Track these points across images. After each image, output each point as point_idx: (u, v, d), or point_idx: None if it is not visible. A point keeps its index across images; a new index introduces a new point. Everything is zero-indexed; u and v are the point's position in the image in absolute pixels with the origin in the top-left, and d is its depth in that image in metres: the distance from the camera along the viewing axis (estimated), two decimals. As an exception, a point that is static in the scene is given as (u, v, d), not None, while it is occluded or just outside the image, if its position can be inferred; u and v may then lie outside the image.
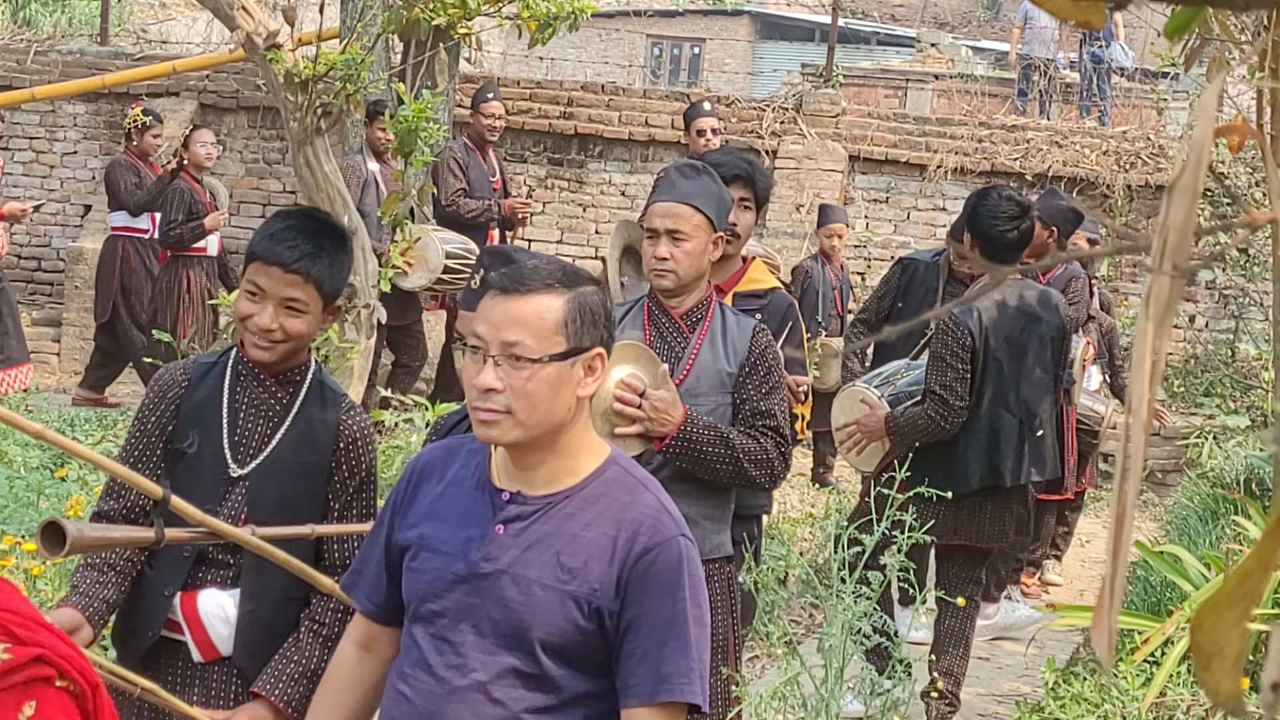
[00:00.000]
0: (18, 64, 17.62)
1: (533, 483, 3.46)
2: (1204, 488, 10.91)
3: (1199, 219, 1.94)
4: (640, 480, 3.52)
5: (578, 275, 3.49)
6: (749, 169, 6.18)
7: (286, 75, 8.41)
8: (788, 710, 6.35)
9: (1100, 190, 15.96)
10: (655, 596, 3.37)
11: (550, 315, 3.40)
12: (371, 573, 3.64)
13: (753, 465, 5.23)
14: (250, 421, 4.38)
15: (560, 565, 3.37)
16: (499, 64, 25.33)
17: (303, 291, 4.27)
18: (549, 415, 3.40)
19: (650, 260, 5.37)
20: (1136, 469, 1.30)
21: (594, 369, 3.46)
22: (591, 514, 3.42)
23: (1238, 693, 1.27)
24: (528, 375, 3.37)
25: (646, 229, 5.42)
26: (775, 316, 6.18)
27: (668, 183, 5.46)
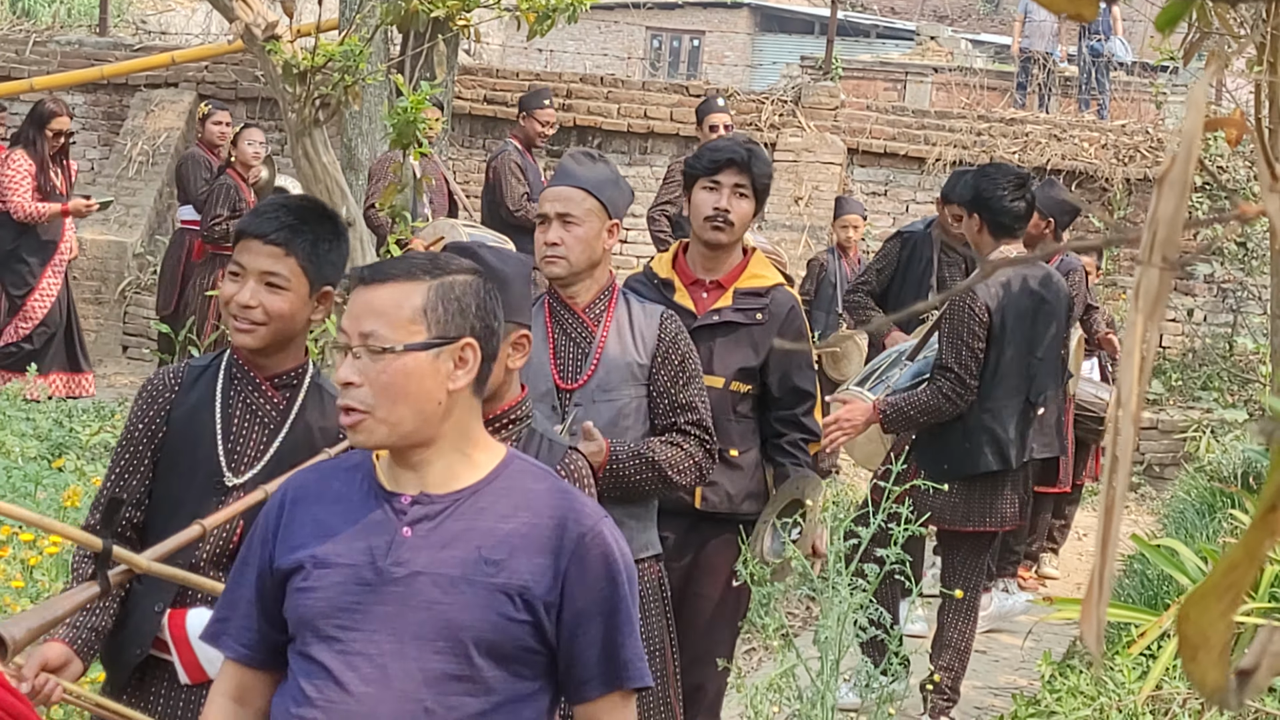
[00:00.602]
0: (16, 54, 17.62)
1: (432, 482, 3.27)
2: (1201, 481, 10.91)
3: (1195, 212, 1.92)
4: (546, 471, 3.39)
5: (450, 263, 3.30)
6: (744, 154, 5.89)
7: (285, 66, 8.41)
8: (784, 702, 6.36)
9: (1099, 184, 15.96)
10: (598, 584, 3.24)
11: (408, 303, 3.21)
12: (241, 614, 3.35)
13: (679, 474, 5.14)
14: (246, 428, 4.19)
15: (484, 559, 3.20)
16: (498, 56, 25.32)
17: (283, 266, 4.09)
18: (414, 412, 3.20)
19: (540, 247, 5.19)
20: (1126, 461, 1.31)
21: (465, 360, 3.24)
22: (507, 505, 3.26)
23: (1224, 683, 1.27)
24: (383, 367, 3.18)
25: (539, 215, 5.25)
26: (778, 316, 5.93)
27: (561, 170, 5.29)
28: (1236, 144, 1.53)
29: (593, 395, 5.11)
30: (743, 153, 5.88)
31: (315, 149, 8.63)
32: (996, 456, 7.18)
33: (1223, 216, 1.34)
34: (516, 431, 4.10)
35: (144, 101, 17.15)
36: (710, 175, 5.88)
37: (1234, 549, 1.25)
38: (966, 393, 7.05)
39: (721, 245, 5.87)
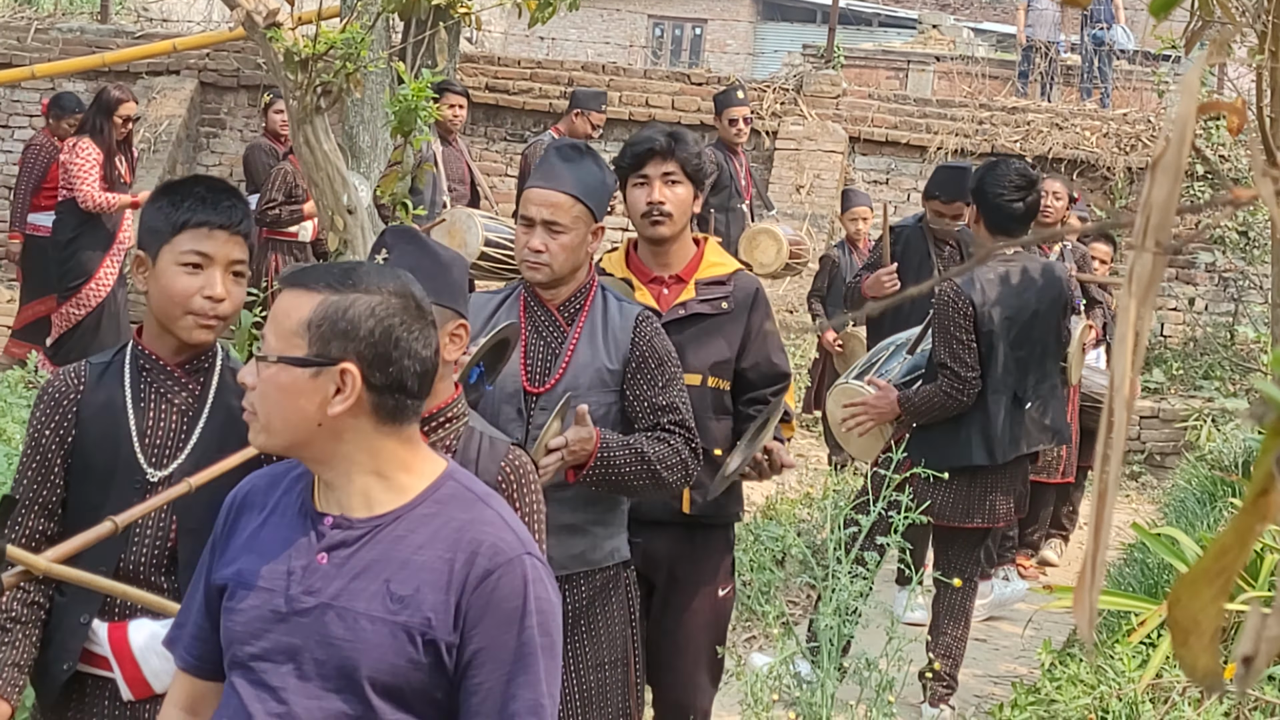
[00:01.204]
0: (18, 41, 17.61)
1: (351, 505, 3.09)
2: (1202, 470, 10.91)
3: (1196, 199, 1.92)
4: (480, 496, 3.14)
5: (366, 280, 3.06)
6: (664, 141, 5.58)
7: (286, 54, 8.41)
8: (783, 690, 6.36)
9: (1101, 172, 15.96)
10: (498, 625, 3.01)
11: (296, 314, 3.03)
12: (192, 623, 3.23)
13: (668, 471, 4.89)
14: (163, 419, 3.96)
15: (390, 594, 3.01)
16: (499, 43, 25.31)
17: (244, 253, 3.96)
18: (288, 426, 3.03)
19: (523, 251, 4.93)
20: (1119, 446, 1.31)
21: (341, 388, 3.01)
22: (424, 535, 3.05)
23: (1215, 668, 1.27)
24: (265, 375, 3.04)
25: (522, 217, 4.98)
26: (743, 302, 5.67)
27: (546, 167, 4.99)
28: (1238, 132, 1.53)
29: (558, 400, 4.84)
30: (663, 140, 5.60)
31: (317, 136, 8.63)
32: (984, 451, 7.20)
33: (1216, 201, 1.34)
34: (454, 430, 3.89)
35: (146, 89, 17.15)
36: (636, 170, 5.62)
37: (1224, 534, 1.26)
38: (967, 386, 7.07)
39: (666, 239, 5.61)
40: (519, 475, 3.85)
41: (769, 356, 5.70)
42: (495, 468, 3.81)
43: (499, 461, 3.83)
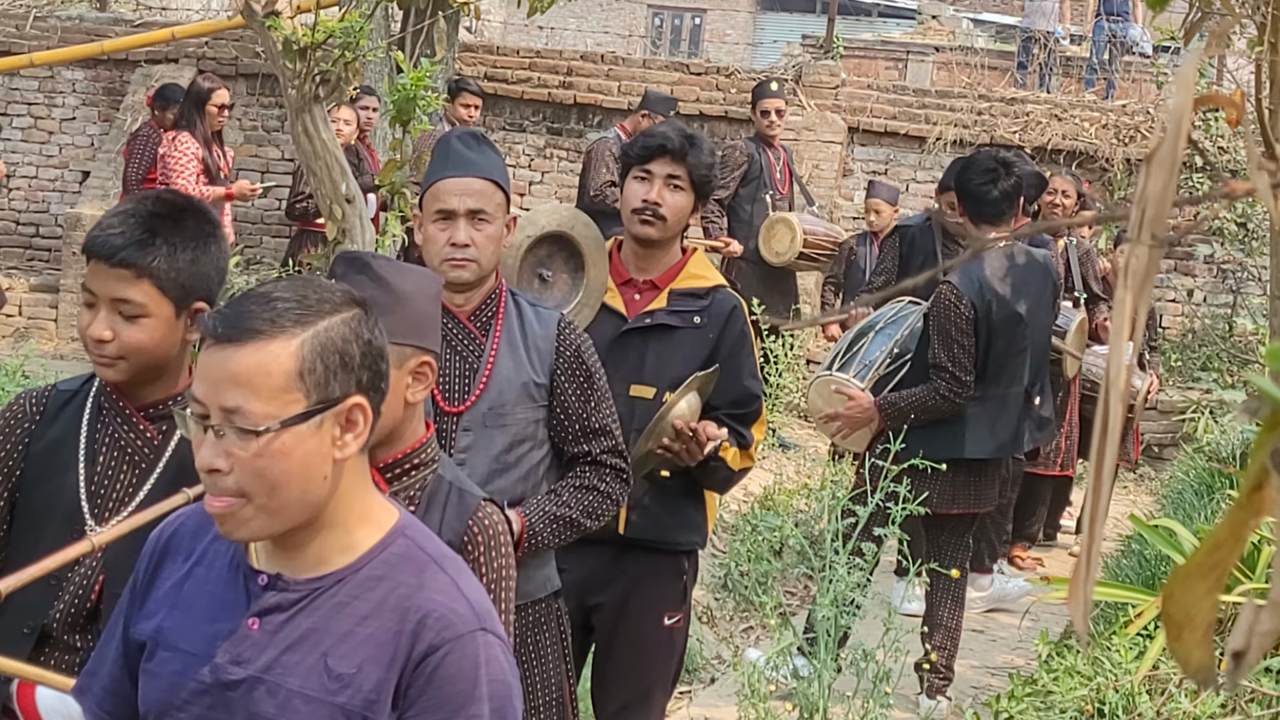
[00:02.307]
0: (16, 29, 17.59)
1: (297, 564, 2.72)
2: (1200, 462, 10.92)
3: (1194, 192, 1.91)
4: (434, 558, 2.77)
5: (322, 304, 2.70)
6: (679, 142, 5.27)
7: (285, 42, 8.39)
8: (780, 680, 6.37)
9: (1099, 164, 15.95)
10: (441, 710, 2.65)
11: (278, 367, 2.62)
12: (105, 674, 2.89)
13: (595, 520, 4.57)
14: (113, 467, 3.54)
15: (328, 671, 2.65)
16: (499, 33, 25.30)
17: (136, 291, 3.44)
18: (299, 494, 2.65)
19: (443, 249, 4.45)
20: (1114, 437, 1.31)
21: (354, 423, 2.69)
22: (369, 603, 2.69)
23: (1208, 663, 1.27)
24: (257, 450, 2.61)
25: (438, 211, 4.49)
26: (718, 319, 5.29)
27: (455, 155, 4.54)
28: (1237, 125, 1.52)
29: (483, 419, 4.44)
30: (678, 141, 5.28)
31: (315, 125, 8.61)
32: (991, 445, 7.24)
33: (1212, 194, 1.34)
34: (421, 479, 3.53)
35: (144, 77, 17.13)
36: (642, 164, 5.30)
37: (1219, 528, 1.25)
38: (963, 389, 7.10)
39: (653, 241, 5.29)
40: (489, 535, 3.47)
41: (739, 379, 5.32)
42: (462, 525, 3.44)
43: (466, 519, 3.46)
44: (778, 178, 12.92)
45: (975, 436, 7.21)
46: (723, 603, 8.86)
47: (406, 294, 3.51)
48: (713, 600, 8.86)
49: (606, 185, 12.24)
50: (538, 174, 16.69)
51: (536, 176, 16.65)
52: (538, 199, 16.41)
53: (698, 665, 7.85)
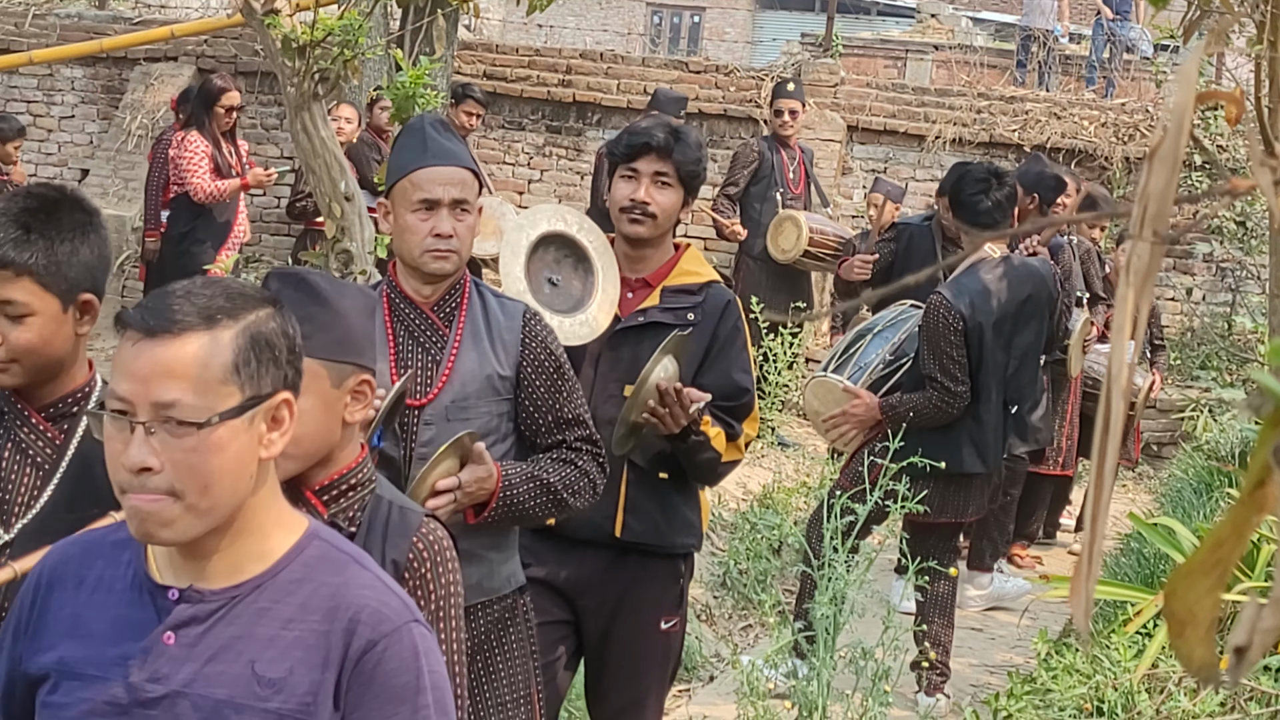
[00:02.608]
0: (15, 27, 17.59)
1: (208, 574, 2.63)
2: (1199, 460, 10.92)
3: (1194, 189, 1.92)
4: (352, 556, 2.73)
5: (246, 298, 2.64)
6: (664, 138, 5.15)
7: (284, 40, 8.39)
8: (779, 678, 6.37)
9: (1099, 162, 15.95)
10: (388, 705, 2.62)
11: (216, 359, 2.56)
12: None
13: (574, 496, 4.47)
14: (15, 470, 3.41)
15: (257, 677, 2.58)
16: (498, 31, 25.30)
17: (17, 290, 3.33)
18: (229, 493, 2.58)
19: (425, 240, 4.33)
20: (1116, 435, 1.30)
21: (281, 421, 2.63)
22: (292, 606, 2.62)
23: (1211, 660, 1.27)
24: (192, 445, 2.52)
25: (421, 200, 4.35)
26: (712, 315, 5.18)
27: (433, 143, 4.41)
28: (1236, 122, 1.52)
29: (446, 413, 4.34)
30: (663, 137, 5.15)
31: (314, 123, 8.61)
32: (977, 458, 7.28)
33: (1214, 191, 1.34)
34: (359, 499, 3.38)
35: (143, 75, 17.13)
36: (627, 162, 5.19)
37: (1221, 525, 1.25)
38: (957, 399, 7.14)
39: (642, 240, 5.18)
40: (434, 552, 3.32)
41: (729, 372, 5.20)
42: (406, 543, 3.30)
43: (410, 536, 3.32)
44: (791, 177, 12.98)
45: (969, 450, 7.24)
46: (721, 601, 8.87)
47: (345, 311, 3.35)
48: (711, 599, 8.86)
49: None
50: (537, 172, 16.68)
51: (535, 175, 16.65)
52: (537, 197, 16.40)
53: (696, 663, 7.86)
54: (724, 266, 15.82)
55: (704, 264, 5.35)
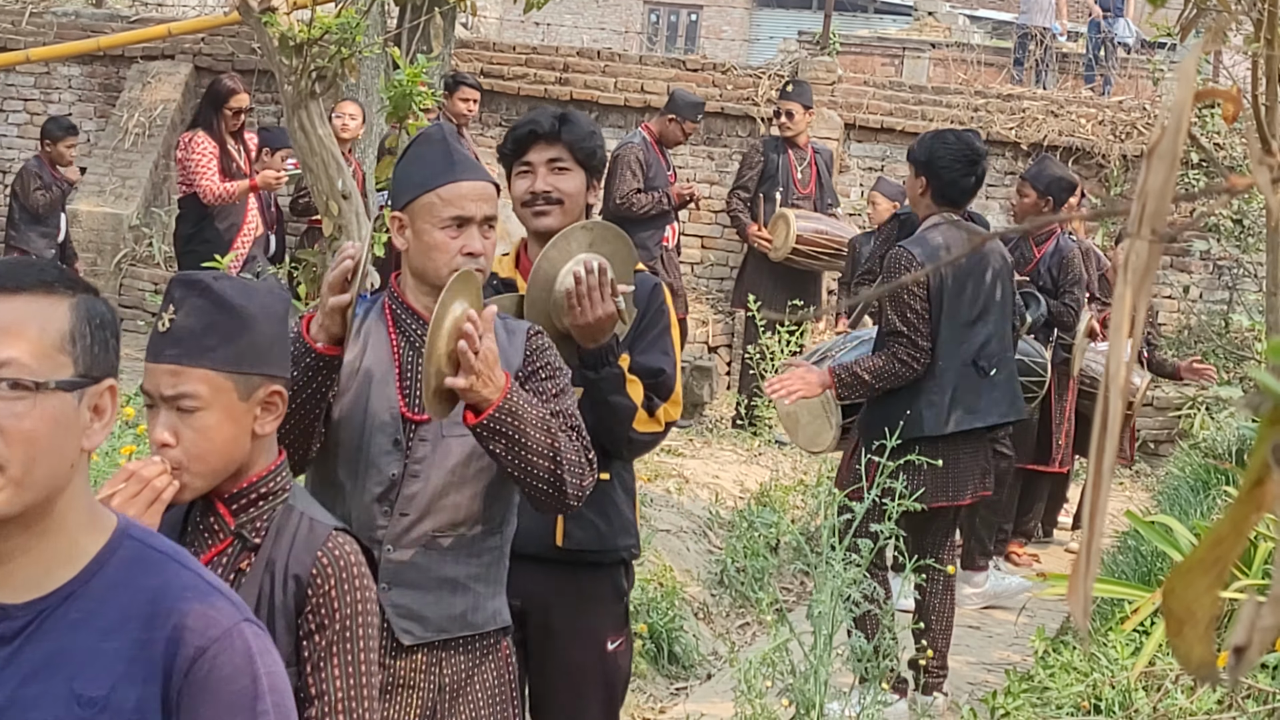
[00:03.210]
0: (13, 25, 17.59)
1: (12, 585, 2.39)
2: (1196, 458, 10.91)
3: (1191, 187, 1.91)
4: (169, 554, 2.49)
5: (76, 280, 2.47)
6: (549, 123, 4.90)
7: (281, 39, 8.39)
8: (776, 677, 6.37)
9: (1096, 160, 15.95)
10: (225, 716, 2.43)
11: (53, 325, 2.38)
12: None
13: (569, 470, 4.03)
14: None
15: (77, 697, 2.37)
16: (495, 29, 25.29)
17: None
18: (51, 476, 2.37)
19: (457, 259, 4.07)
20: (1113, 434, 1.30)
21: (103, 410, 2.44)
22: (109, 616, 2.39)
23: (1210, 659, 1.27)
24: (25, 409, 2.34)
25: (453, 217, 4.11)
26: (637, 302, 4.89)
27: (459, 156, 4.22)
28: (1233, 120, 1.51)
29: (442, 429, 4.09)
30: (547, 123, 4.90)
31: (311, 122, 8.60)
32: (935, 420, 7.13)
33: (1212, 189, 1.34)
34: (269, 509, 3.21)
35: (140, 73, 17.13)
36: (519, 157, 4.94)
37: (1220, 524, 1.25)
38: (920, 354, 7.03)
39: (555, 230, 4.81)
40: (340, 567, 3.14)
41: (649, 353, 4.92)
42: (310, 557, 3.13)
43: (315, 550, 3.14)
44: (799, 178, 13.05)
45: (932, 413, 7.13)
46: (719, 599, 8.87)
47: (254, 317, 3.14)
48: (709, 597, 8.86)
49: (633, 193, 12.23)
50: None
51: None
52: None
53: (694, 661, 7.86)
54: (730, 265, 15.84)
55: None
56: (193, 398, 3.08)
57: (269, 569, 3.15)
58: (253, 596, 3.09)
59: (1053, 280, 9.57)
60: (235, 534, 3.20)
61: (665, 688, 7.61)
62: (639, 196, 12.21)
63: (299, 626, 3.12)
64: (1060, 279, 9.59)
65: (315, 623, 3.11)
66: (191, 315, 3.11)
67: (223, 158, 11.80)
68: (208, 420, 3.08)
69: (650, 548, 8.31)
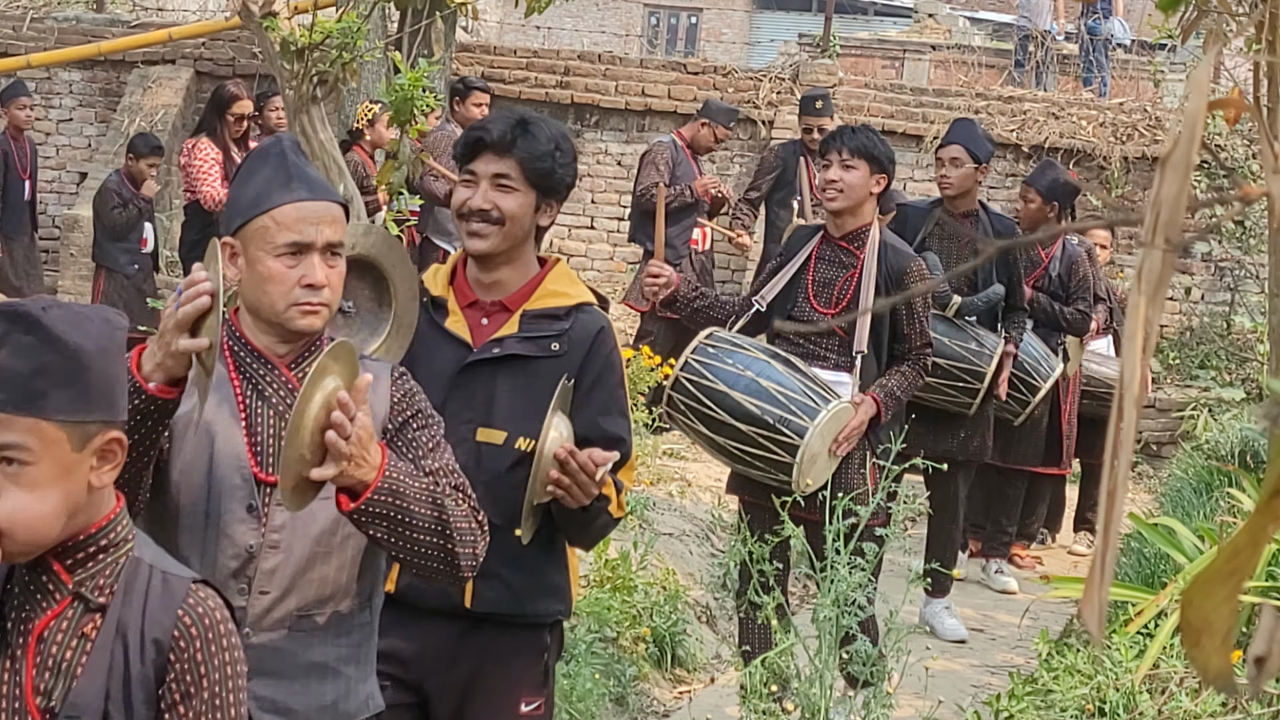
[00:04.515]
0: (14, 31, 17.59)
1: None
2: (1198, 460, 10.91)
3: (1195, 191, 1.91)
4: None
5: None
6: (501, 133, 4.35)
7: (283, 43, 8.40)
8: (781, 681, 6.36)
9: (1097, 162, 15.95)
10: None
11: None
12: None
13: (460, 540, 3.55)
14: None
15: None
16: (495, 33, 25.29)
17: None
18: None
19: (295, 291, 3.51)
20: (1129, 442, 1.30)
21: None
22: None
23: (1227, 669, 1.27)
24: None
25: (290, 244, 3.53)
26: (580, 344, 4.34)
27: (297, 171, 3.60)
28: (1235, 122, 1.51)
29: None
30: (497, 132, 4.34)
31: (313, 126, 8.61)
32: None
33: (1225, 198, 1.34)
34: (112, 562, 2.81)
35: (141, 78, 17.13)
36: (466, 163, 4.41)
37: (1238, 534, 1.25)
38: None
39: (489, 255, 4.35)
40: (205, 626, 2.81)
41: (601, 418, 4.36)
42: (170, 617, 2.79)
43: (175, 608, 2.80)
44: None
45: None
46: (722, 602, 8.86)
47: (88, 356, 2.78)
48: (712, 600, 8.86)
49: (652, 186, 12.29)
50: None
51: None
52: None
53: (698, 665, 7.86)
54: (732, 269, 15.84)
55: (575, 283, 4.50)
56: (19, 449, 2.66)
57: (121, 634, 2.75)
58: (103, 667, 2.72)
59: (1063, 286, 9.56)
60: (74, 594, 2.76)
61: (668, 691, 7.60)
62: (655, 190, 12.26)
63: (161, 698, 2.76)
64: (1070, 284, 9.59)
65: (180, 691, 2.76)
66: (17, 355, 2.70)
67: (226, 164, 11.80)
68: (36, 476, 2.67)
69: (653, 551, 8.30)
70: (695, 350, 6.76)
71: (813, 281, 6.94)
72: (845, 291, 6.88)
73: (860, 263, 6.87)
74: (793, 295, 6.97)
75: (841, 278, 6.89)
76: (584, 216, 16.69)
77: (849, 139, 6.92)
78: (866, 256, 6.87)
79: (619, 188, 16.54)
